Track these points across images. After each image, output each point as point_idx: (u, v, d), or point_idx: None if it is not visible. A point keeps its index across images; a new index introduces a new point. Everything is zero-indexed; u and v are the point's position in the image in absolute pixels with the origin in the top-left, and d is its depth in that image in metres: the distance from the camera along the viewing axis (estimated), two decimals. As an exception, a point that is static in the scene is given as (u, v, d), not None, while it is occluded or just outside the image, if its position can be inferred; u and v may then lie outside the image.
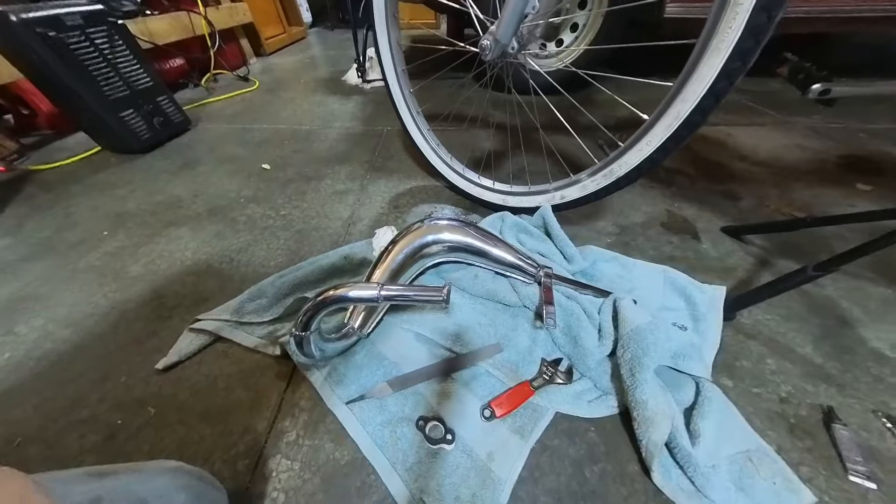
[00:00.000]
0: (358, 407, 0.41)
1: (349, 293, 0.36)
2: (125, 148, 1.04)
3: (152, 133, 1.06)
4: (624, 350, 0.41)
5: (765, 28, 0.32)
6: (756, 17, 0.32)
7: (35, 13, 0.80)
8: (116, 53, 0.96)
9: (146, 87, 1.04)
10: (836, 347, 0.47)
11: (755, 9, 0.31)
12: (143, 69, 1.03)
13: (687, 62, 0.38)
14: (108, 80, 0.95)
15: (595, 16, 1.19)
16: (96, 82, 0.92)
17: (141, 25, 1.30)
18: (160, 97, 1.08)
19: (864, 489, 0.34)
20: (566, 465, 0.37)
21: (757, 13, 0.31)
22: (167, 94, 1.11)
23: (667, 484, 0.34)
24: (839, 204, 0.75)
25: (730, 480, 0.34)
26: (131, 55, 1.00)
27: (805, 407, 0.41)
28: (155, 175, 0.95)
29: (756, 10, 0.31)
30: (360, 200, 0.80)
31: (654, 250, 0.64)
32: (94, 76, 0.91)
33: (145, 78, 1.04)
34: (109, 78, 0.95)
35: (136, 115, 1.01)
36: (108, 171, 0.98)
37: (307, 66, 1.98)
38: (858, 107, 1.14)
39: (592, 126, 0.73)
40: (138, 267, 0.65)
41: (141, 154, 1.05)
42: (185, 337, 0.50)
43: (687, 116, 0.40)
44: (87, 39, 0.89)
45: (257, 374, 0.46)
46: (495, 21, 0.50)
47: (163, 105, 1.09)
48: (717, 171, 0.88)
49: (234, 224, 0.75)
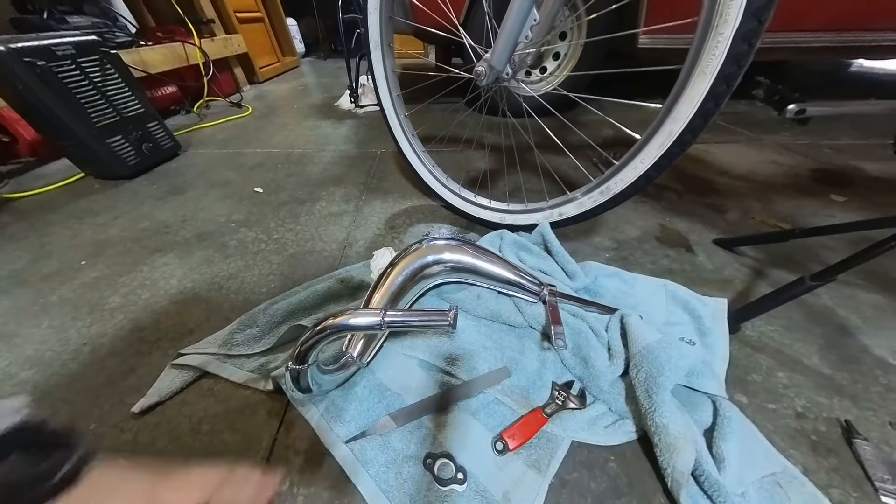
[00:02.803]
0: (359, 446, 0.38)
1: (350, 321, 0.34)
2: (111, 174, 1.02)
3: (140, 158, 1.04)
4: (638, 370, 0.39)
5: (746, 55, 0.34)
6: (737, 46, 0.34)
7: (24, 43, 0.80)
8: (107, 81, 0.96)
9: (136, 113, 1.04)
10: (841, 357, 0.47)
11: (735, 37, 0.33)
12: (134, 96, 1.03)
13: (675, 85, 0.40)
14: (96, 108, 0.94)
15: (575, 46, 1.27)
16: (84, 110, 0.91)
17: (134, 55, 1.32)
18: (150, 123, 1.08)
19: (897, 510, 0.33)
20: (588, 501, 0.34)
21: (738, 42, 0.34)
22: (158, 120, 1.10)
23: (697, 517, 0.32)
24: (818, 214, 0.79)
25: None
26: (123, 83, 1.00)
27: (823, 422, 0.40)
28: (141, 200, 0.92)
29: (736, 38, 0.34)
30: (355, 222, 0.79)
31: (652, 264, 0.65)
32: (82, 104, 0.90)
33: (136, 104, 1.04)
34: (98, 105, 0.94)
35: (125, 140, 1.00)
36: (90, 197, 0.94)
37: (300, 92, 2.03)
38: (820, 125, 1.23)
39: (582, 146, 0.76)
40: (117, 298, 0.60)
41: (127, 180, 1.02)
42: (167, 374, 0.46)
43: (679, 135, 0.42)
44: (77, 68, 0.89)
45: (246, 414, 0.42)
46: (489, 49, 0.52)
47: (153, 131, 1.08)
48: (702, 185, 0.91)
49: (223, 249, 0.72)
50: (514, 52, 0.50)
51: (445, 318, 0.34)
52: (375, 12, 0.63)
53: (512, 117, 0.73)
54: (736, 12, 0.33)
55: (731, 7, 0.33)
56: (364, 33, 0.66)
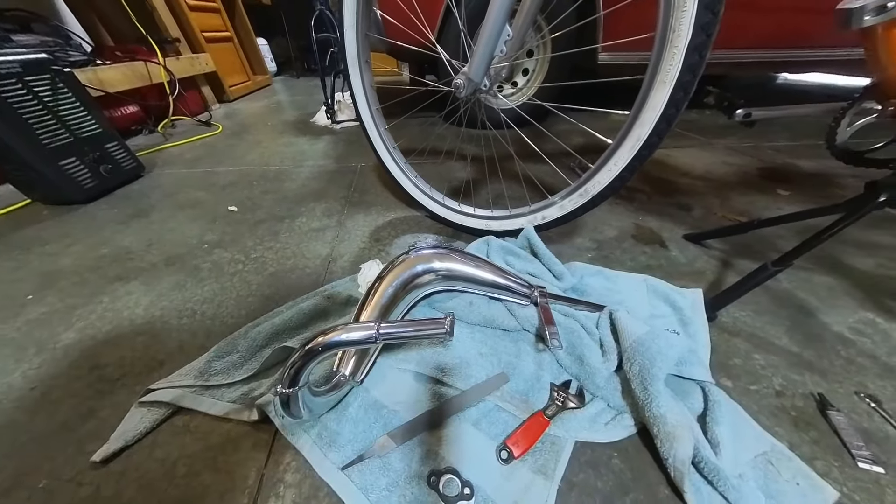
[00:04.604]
0: (357, 471, 0.35)
1: (344, 336, 0.32)
2: (64, 198, 0.93)
3: (98, 181, 0.97)
4: (631, 363, 0.40)
5: (698, 65, 0.38)
6: (690, 57, 0.38)
7: (-39, 61, 0.74)
8: (60, 102, 0.90)
9: (93, 133, 0.97)
10: (806, 336, 0.51)
11: (689, 49, 0.37)
12: (90, 116, 0.97)
13: (639, 94, 0.44)
14: (47, 129, 0.87)
15: (542, 62, 1.36)
16: (32, 131, 0.84)
17: (90, 74, 1.25)
18: (110, 143, 1.01)
19: (874, 475, 0.35)
20: (597, 502, 0.34)
21: (691, 53, 0.37)
22: (118, 141, 1.04)
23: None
24: (769, 207, 0.87)
25: (758, 489, 0.33)
26: (78, 103, 0.94)
27: (799, 397, 0.43)
28: (99, 226, 0.85)
29: (690, 50, 0.37)
30: (338, 236, 0.77)
31: (631, 261, 0.68)
32: (29, 125, 0.83)
33: (93, 125, 0.97)
34: (49, 126, 0.87)
35: (79, 163, 0.93)
36: (37, 225, 0.86)
37: (274, 110, 2.00)
38: (760, 129, 1.38)
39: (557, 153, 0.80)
40: (72, 333, 0.54)
41: (83, 204, 0.94)
42: (134, 414, 0.41)
43: (646, 139, 0.45)
44: (24, 87, 0.83)
45: (229, 450, 0.39)
46: (464, 64, 0.54)
47: (112, 151, 1.02)
48: (667, 186, 0.98)
49: (196, 273, 0.67)
50: (491, 65, 0.52)
51: (442, 326, 0.34)
52: (352, 29, 0.65)
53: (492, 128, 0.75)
54: (687, 27, 0.36)
55: (682, 22, 0.36)
56: (341, 50, 0.67)
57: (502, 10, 0.45)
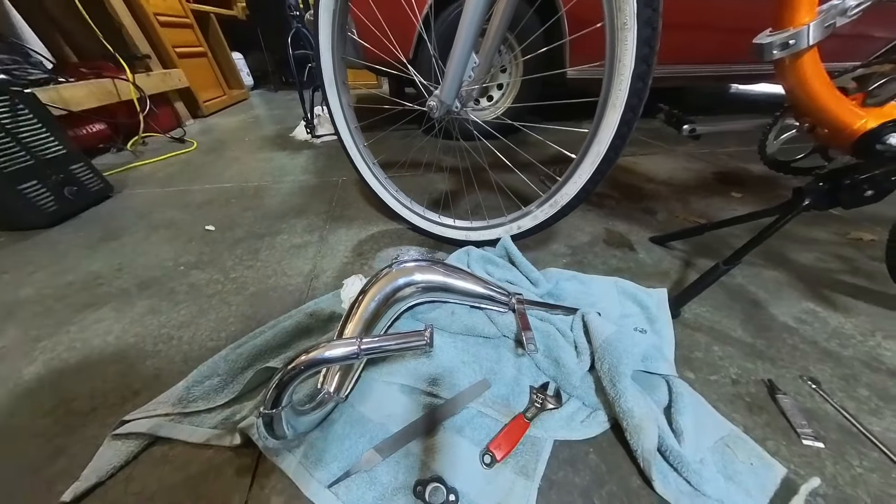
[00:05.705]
0: (344, 488, 0.36)
1: (326, 354, 0.33)
2: (24, 224, 0.89)
3: (61, 204, 0.92)
4: (601, 362, 0.43)
5: (643, 90, 0.43)
6: (635, 83, 0.42)
7: None
8: (20, 124, 0.86)
9: (57, 155, 0.93)
10: (757, 326, 0.56)
11: (633, 77, 0.42)
12: (53, 137, 0.93)
13: (595, 115, 0.48)
14: (4, 152, 0.83)
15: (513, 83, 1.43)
16: (-12, 154, 0.80)
17: (52, 93, 1.20)
18: (75, 165, 0.97)
19: (815, 450, 0.39)
20: (575, 497, 0.36)
21: (635, 80, 0.42)
22: (84, 161, 1.00)
23: (667, 490, 0.35)
24: (724, 209, 0.95)
25: (718, 472, 0.37)
26: (40, 124, 0.90)
27: (752, 384, 0.47)
28: (64, 251, 0.81)
29: (634, 78, 0.42)
30: (321, 252, 0.78)
31: (603, 265, 0.72)
32: (-15, 148, 0.79)
33: (56, 146, 0.93)
34: (8, 150, 0.83)
35: (41, 186, 0.88)
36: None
37: (251, 125, 1.98)
38: (713, 138, 1.51)
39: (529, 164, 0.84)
40: (35, 368, 0.52)
41: (45, 229, 0.89)
42: (107, 447, 0.39)
43: (605, 154, 0.49)
44: (-21, 110, 0.79)
45: (211, 477, 0.38)
46: (438, 86, 0.57)
47: (77, 172, 0.98)
48: (635, 191, 1.05)
49: (172, 296, 0.65)
50: (461, 88, 0.55)
51: (422, 338, 0.35)
52: (328, 52, 0.67)
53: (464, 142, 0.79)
54: (630, 58, 0.41)
55: (625, 54, 0.41)
56: (318, 72, 0.69)
57: (468, 40, 0.49)
